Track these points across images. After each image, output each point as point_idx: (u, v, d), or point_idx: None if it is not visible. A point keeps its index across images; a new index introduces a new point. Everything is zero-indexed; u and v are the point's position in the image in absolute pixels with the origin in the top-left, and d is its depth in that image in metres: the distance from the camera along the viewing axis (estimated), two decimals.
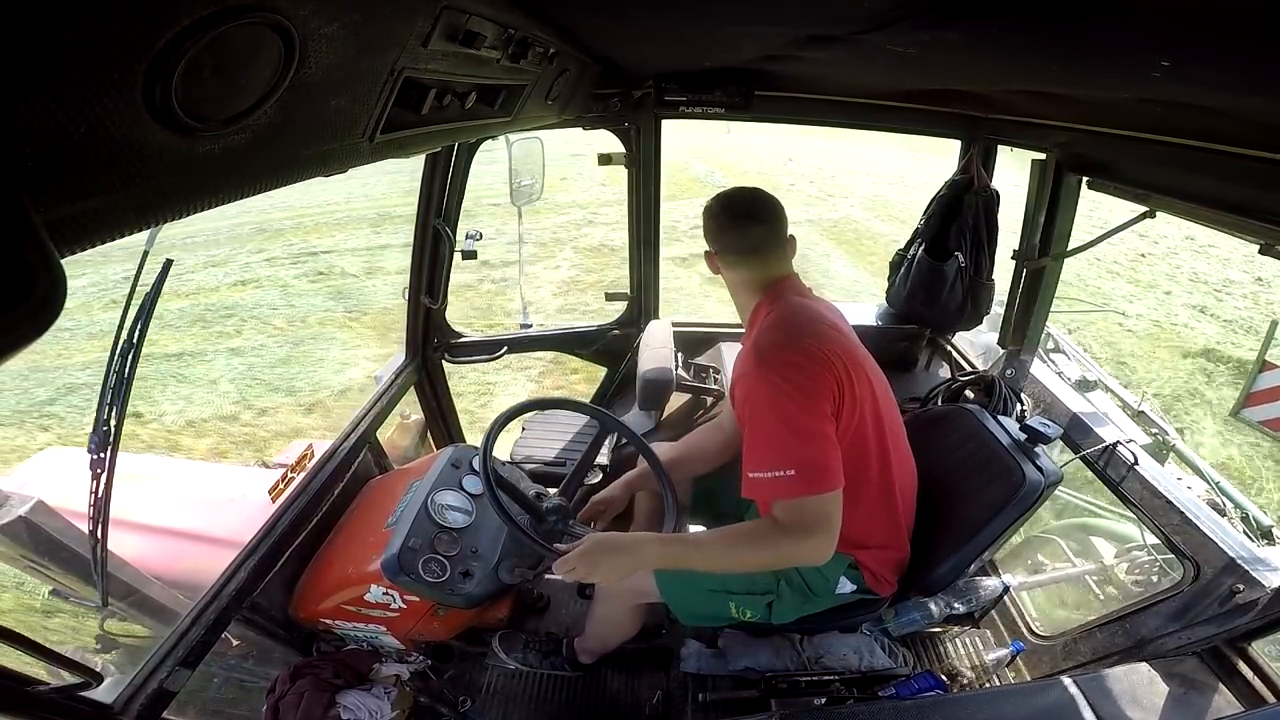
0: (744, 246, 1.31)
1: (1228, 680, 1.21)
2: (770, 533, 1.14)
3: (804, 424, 1.12)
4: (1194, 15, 0.46)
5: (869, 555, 1.32)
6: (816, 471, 1.10)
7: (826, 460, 1.11)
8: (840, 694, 1.46)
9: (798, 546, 1.13)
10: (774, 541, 1.13)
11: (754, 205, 1.30)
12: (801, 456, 1.10)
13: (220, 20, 0.38)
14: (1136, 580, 2.28)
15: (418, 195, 1.93)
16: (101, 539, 1.15)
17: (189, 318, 6.35)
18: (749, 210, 1.30)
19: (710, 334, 2.53)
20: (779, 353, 1.17)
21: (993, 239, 2.11)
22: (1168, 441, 2.91)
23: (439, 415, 2.43)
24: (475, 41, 0.72)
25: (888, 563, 1.34)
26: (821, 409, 1.13)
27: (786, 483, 1.09)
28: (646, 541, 1.24)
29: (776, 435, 1.12)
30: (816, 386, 1.14)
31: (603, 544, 1.22)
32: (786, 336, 1.20)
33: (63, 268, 0.32)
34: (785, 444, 1.11)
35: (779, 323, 1.23)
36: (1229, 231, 1.26)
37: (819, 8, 0.77)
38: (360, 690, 1.56)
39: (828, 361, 1.16)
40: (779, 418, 1.12)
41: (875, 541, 1.32)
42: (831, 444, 1.13)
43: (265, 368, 5.46)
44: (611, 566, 1.20)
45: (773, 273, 1.32)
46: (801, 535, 1.11)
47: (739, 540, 1.17)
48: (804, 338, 1.19)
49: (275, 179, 0.57)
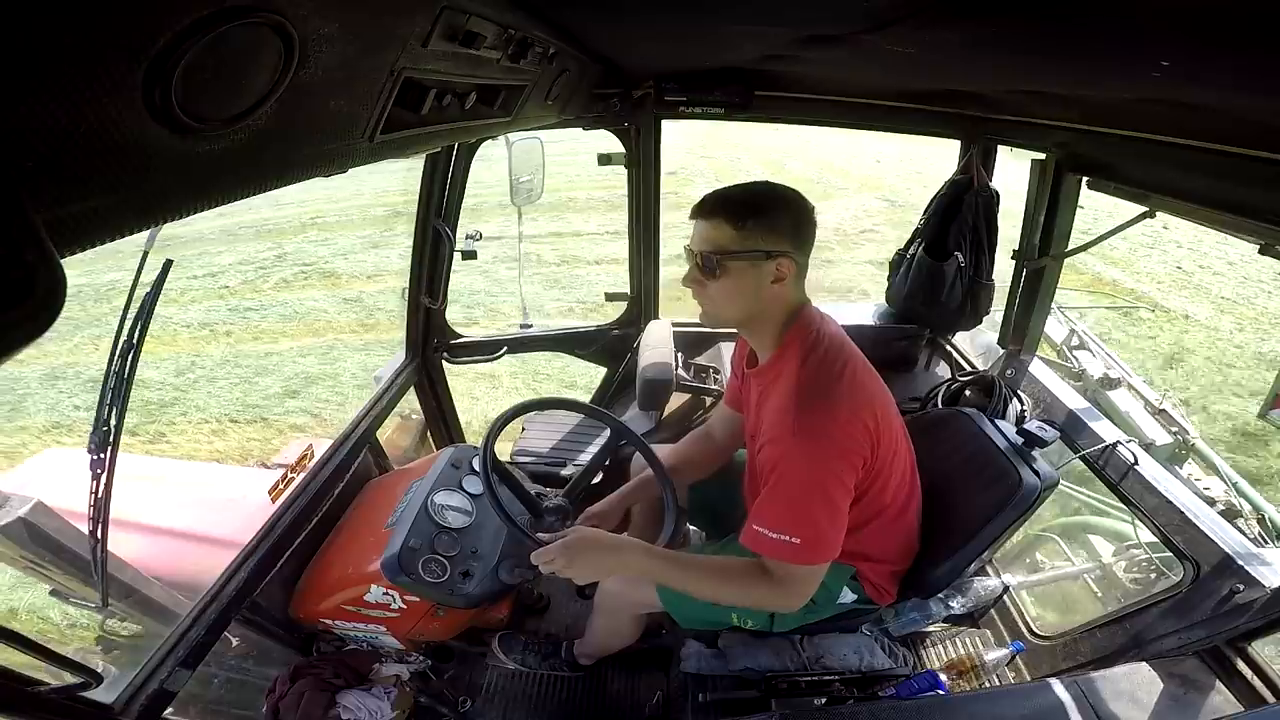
0: (805, 259, 1.14)
1: (1228, 680, 1.21)
2: (756, 580, 1.13)
3: (827, 497, 1.08)
4: (1194, 15, 0.46)
5: (871, 568, 1.32)
6: (820, 545, 1.09)
7: (833, 535, 1.09)
8: (840, 694, 1.46)
9: (777, 599, 1.16)
10: (757, 589, 1.13)
11: (809, 206, 1.14)
12: (812, 529, 1.07)
13: (220, 21, 0.38)
14: (1135, 579, 2.28)
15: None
16: (101, 539, 1.15)
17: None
18: (815, 217, 1.14)
19: (710, 334, 2.53)
20: (821, 413, 1.08)
21: (992, 239, 2.11)
22: (1188, 441, 2.89)
23: (439, 415, 2.43)
24: (475, 41, 0.72)
25: (889, 575, 1.34)
26: (848, 481, 1.10)
27: (789, 548, 1.07)
28: (633, 548, 1.19)
29: (797, 504, 1.08)
30: (849, 457, 1.09)
31: (588, 540, 1.17)
32: (831, 389, 1.10)
33: (63, 268, 0.32)
34: (802, 514, 1.07)
35: (824, 368, 1.12)
36: (1229, 231, 1.26)
37: (819, 8, 0.76)
38: (360, 690, 1.56)
39: (865, 419, 1.10)
40: (806, 488, 1.08)
41: (880, 556, 1.31)
42: (843, 518, 1.11)
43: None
44: (592, 565, 1.16)
45: (803, 296, 1.20)
46: (784, 592, 1.12)
47: (724, 576, 1.16)
48: (849, 389, 1.11)
49: (275, 179, 0.57)
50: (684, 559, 1.22)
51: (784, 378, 1.14)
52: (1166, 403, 3.03)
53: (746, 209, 1.09)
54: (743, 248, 1.08)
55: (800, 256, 1.12)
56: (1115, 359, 3.39)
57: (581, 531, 1.20)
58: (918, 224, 2.24)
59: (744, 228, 1.08)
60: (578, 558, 1.15)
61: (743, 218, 1.08)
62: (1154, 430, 2.82)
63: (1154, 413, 3.00)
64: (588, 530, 1.21)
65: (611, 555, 1.17)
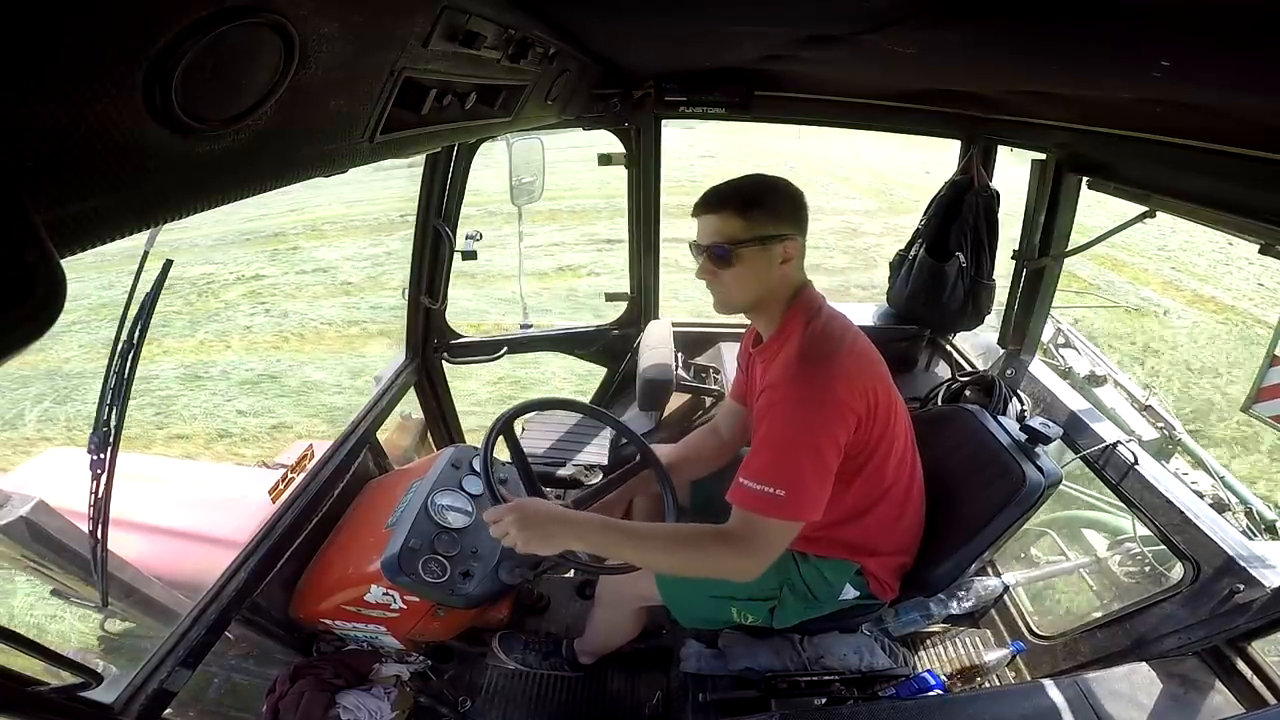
0: (804, 243, 1.21)
1: (1228, 680, 1.21)
2: (710, 542, 1.10)
3: (816, 450, 1.08)
4: (1194, 15, 0.46)
5: (876, 562, 1.31)
6: (803, 501, 1.07)
7: (817, 492, 1.09)
8: (840, 694, 1.46)
9: (734, 562, 1.10)
10: (712, 552, 1.10)
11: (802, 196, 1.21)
12: (797, 480, 1.07)
13: (220, 21, 0.38)
14: (1129, 572, 2.29)
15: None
16: (101, 539, 1.15)
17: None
18: (803, 196, 1.21)
19: (710, 334, 2.53)
20: (820, 368, 1.11)
21: (993, 239, 2.11)
22: (1174, 436, 2.91)
23: (439, 415, 2.43)
24: (475, 42, 0.72)
25: (893, 569, 1.34)
26: (837, 438, 1.10)
27: (771, 500, 1.06)
28: (586, 522, 1.14)
29: (785, 455, 1.08)
30: (843, 412, 1.10)
31: (536, 510, 1.12)
32: (832, 353, 1.14)
33: (63, 268, 0.32)
34: (789, 465, 1.07)
35: (825, 335, 1.16)
36: (1229, 231, 1.26)
37: (819, 8, 0.77)
38: (360, 690, 1.56)
39: (864, 385, 1.13)
40: (796, 441, 1.08)
41: (884, 549, 1.31)
42: (829, 475, 1.10)
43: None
44: (541, 536, 1.10)
45: (803, 276, 1.25)
46: (744, 552, 1.08)
47: (681, 542, 1.13)
48: (849, 357, 1.15)
49: (275, 179, 0.57)
50: (640, 529, 1.19)
51: (788, 345, 1.18)
52: (1153, 399, 3.05)
53: (749, 199, 1.15)
54: (752, 235, 1.14)
55: (801, 237, 1.19)
56: (1101, 357, 3.41)
57: (528, 501, 1.15)
58: (918, 224, 2.24)
59: (750, 216, 1.14)
60: (529, 527, 1.09)
61: (748, 207, 1.14)
62: (1140, 426, 2.83)
63: (1140, 408, 3.02)
64: (533, 500, 1.18)
65: (563, 527, 1.12)
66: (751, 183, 1.18)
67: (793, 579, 1.34)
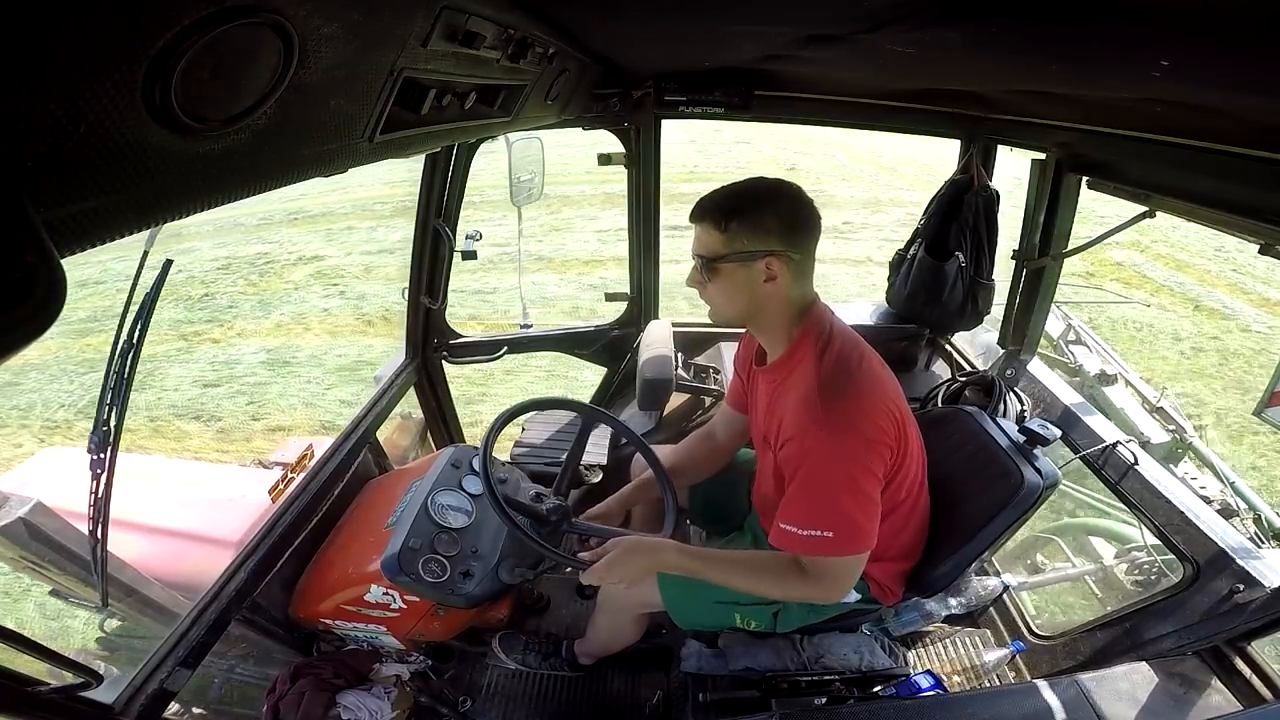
0: (809, 258, 1.13)
1: (1227, 680, 1.21)
2: (793, 575, 1.13)
3: (857, 488, 1.07)
4: (1194, 15, 0.46)
5: (879, 568, 1.31)
6: (855, 535, 1.07)
7: (867, 525, 1.08)
8: (840, 694, 1.46)
9: (815, 592, 1.15)
10: (794, 584, 1.14)
11: (811, 203, 1.12)
12: (843, 521, 1.06)
13: (220, 20, 0.38)
14: (1136, 580, 2.28)
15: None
16: (101, 539, 1.15)
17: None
18: (814, 209, 1.11)
19: (710, 334, 2.53)
20: (847, 404, 1.07)
21: (993, 238, 2.11)
22: (1185, 439, 2.88)
23: (439, 415, 2.43)
24: (475, 41, 0.72)
25: (896, 575, 1.34)
26: (877, 473, 1.09)
27: (820, 543, 1.07)
28: (669, 548, 1.22)
29: (826, 499, 1.07)
30: (879, 446, 1.08)
31: (630, 547, 1.22)
32: (851, 383, 1.09)
33: (63, 268, 0.32)
34: (832, 508, 1.07)
35: (842, 363, 1.11)
36: (1229, 231, 1.26)
37: (819, 8, 0.77)
38: (360, 690, 1.56)
39: (887, 408, 1.10)
40: (835, 483, 1.07)
41: (889, 556, 1.30)
42: (876, 507, 1.10)
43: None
44: (635, 568, 1.22)
45: (810, 292, 1.18)
46: (822, 585, 1.13)
47: (760, 571, 1.17)
48: (867, 382, 1.11)
49: (275, 179, 0.57)
50: (720, 555, 1.24)
51: (799, 375, 1.14)
52: (1164, 400, 3.02)
53: (729, 212, 1.08)
54: (729, 250, 1.08)
55: (794, 253, 1.09)
56: (1113, 355, 3.38)
57: (624, 542, 1.24)
58: (918, 224, 2.24)
59: (728, 230, 1.07)
60: (620, 566, 1.21)
61: (726, 220, 1.08)
62: (1151, 428, 2.81)
63: (1151, 410, 2.99)
64: (628, 540, 1.25)
65: (650, 557, 1.22)
66: (738, 193, 1.10)
67: None
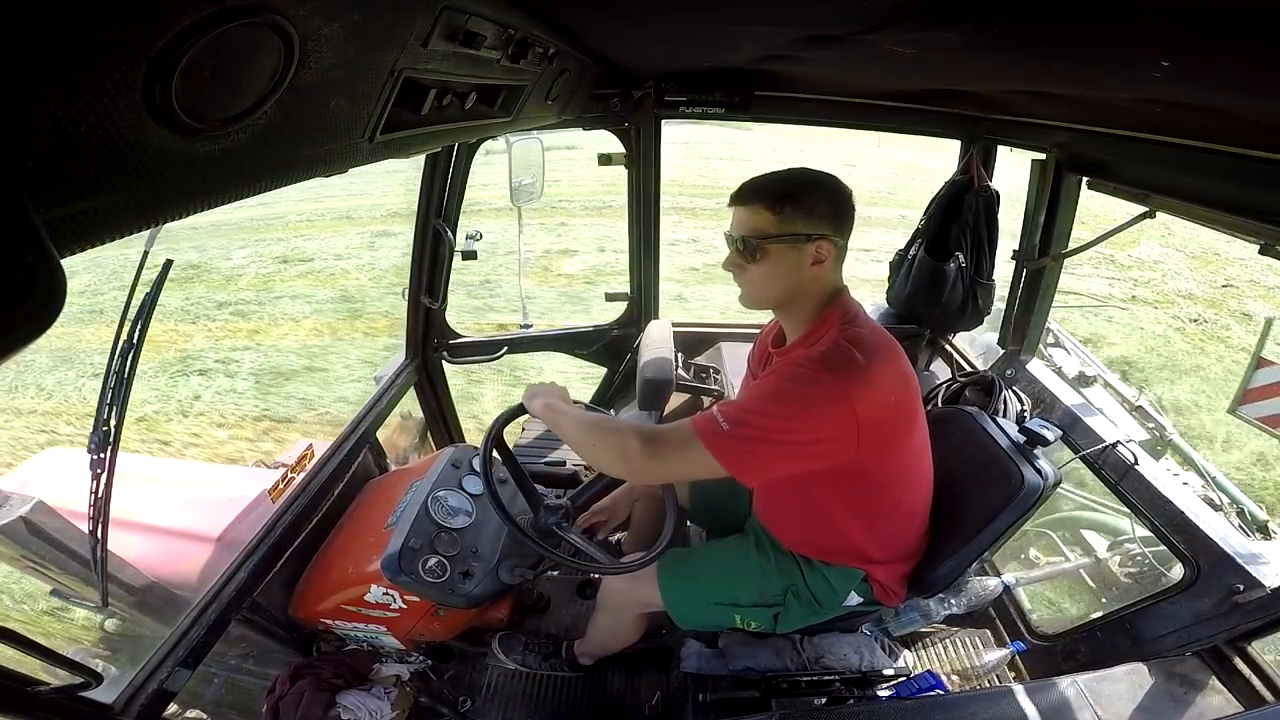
0: (844, 245, 1.15)
1: (1228, 680, 1.21)
2: (631, 435, 1.08)
3: (788, 432, 1.02)
4: (1194, 15, 0.46)
5: (882, 570, 1.31)
6: (737, 448, 1.02)
7: (761, 463, 1.04)
8: (840, 694, 1.46)
9: (637, 460, 1.07)
10: (623, 443, 1.08)
11: (849, 193, 1.15)
12: (748, 430, 1.02)
13: (220, 21, 0.38)
14: (1129, 572, 2.29)
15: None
16: (101, 539, 1.15)
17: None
18: (853, 201, 1.15)
19: (710, 334, 2.53)
20: (837, 374, 1.04)
21: (993, 239, 2.11)
22: (1165, 436, 2.91)
23: (439, 415, 2.43)
24: (475, 42, 0.72)
25: (898, 577, 1.33)
26: (819, 441, 1.03)
27: (712, 426, 1.02)
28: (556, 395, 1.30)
29: (760, 410, 1.04)
30: (839, 400, 1.02)
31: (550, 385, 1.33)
32: (852, 364, 1.05)
33: (63, 268, 0.32)
34: (753, 413, 1.03)
35: (855, 344, 1.08)
36: (1229, 231, 1.26)
37: (819, 8, 0.77)
38: (360, 690, 1.56)
39: (861, 412, 1.03)
40: (777, 407, 1.03)
41: (891, 557, 1.30)
42: (782, 464, 1.05)
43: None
44: (536, 393, 1.31)
45: (841, 282, 1.19)
46: (655, 456, 1.06)
47: (598, 426, 1.16)
48: (872, 370, 1.06)
49: (275, 179, 0.57)
50: (581, 414, 1.24)
51: (816, 345, 1.13)
52: (1143, 399, 3.05)
53: (784, 195, 1.10)
54: (781, 231, 1.10)
55: (839, 239, 1.12)
56: (1090, 357, 3.41)
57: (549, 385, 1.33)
58: (918, 224, 2.24)
59: (782, 212, 1.10)
60: (536, 389, 1.31)
61: (781, 203, 1.10)
62: (1131, 427, 2.84)
63: (1130, 409, 3.02)
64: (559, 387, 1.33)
65: (546, 393, 1.30)
66: (791, 177, 1.13)
67: (798, 586, 1.34)
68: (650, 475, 1.10)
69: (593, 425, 1.17)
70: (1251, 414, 2.72)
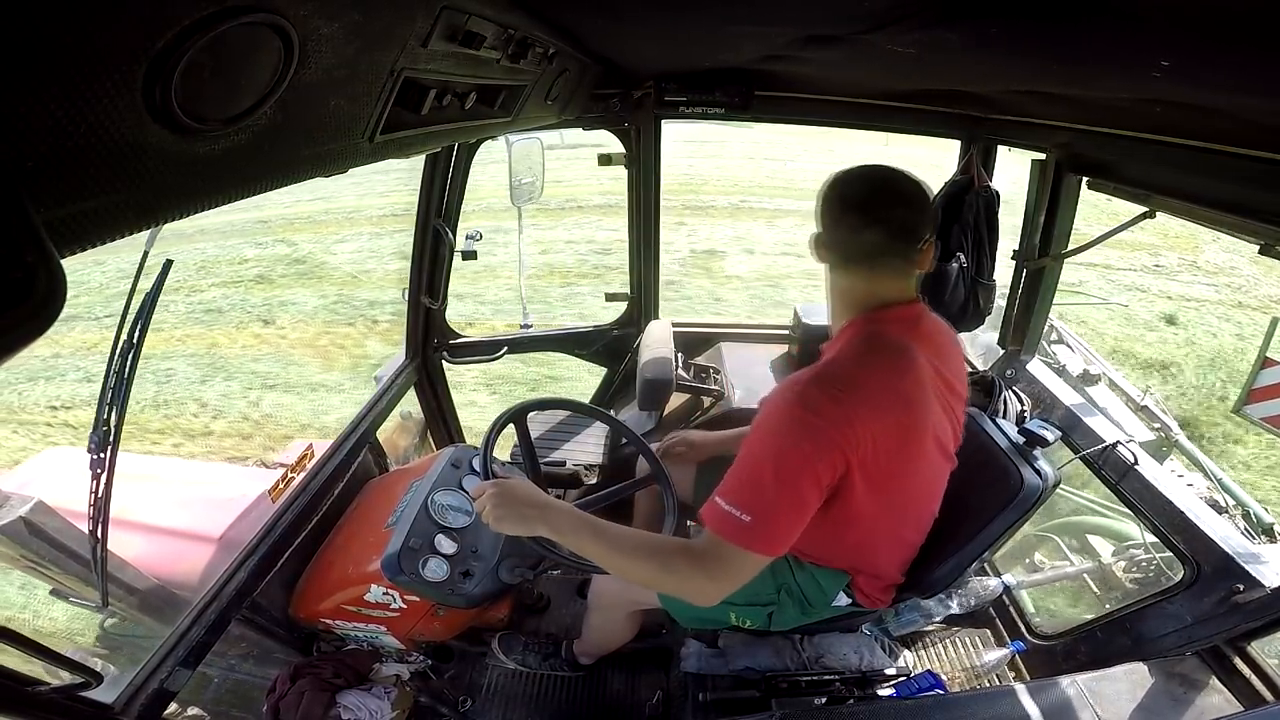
0: (852, 250, 1.06)
1: (1228, 680, 1.21)
2: (677, 559, 1.02)
3: (791, 480, 0.98)
4: (1194, 15, 0.46)
5: (866, 580, 1.30)
6: (769, 534, 0.98)
7: (786, 528, 0.99)
8: (840, 694, 1.46)
9: (696, 585, 1.01)
10: (676, 569, 1.01)
11: (878, 196, 1.03)
12: (767, 510, 0.97)
13: (220, 20, 0.38)
14: (1134, 578, 2.28)
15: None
16: (101, 539, 1.15)
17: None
18: (870, 202, 1.03)
19: (710, 334, 2.53)
20: (821, 390, 0.99)
21: (993, 239, 2.10)
22: (1170, 437, 2.89)
23: (439, 415, 2.43)
24: (475, 42, 0.72)
25: (884, 586, 1.33)
26: (817, 473, 0.98)
27: (736, 526, 0.97)
28: (562, 513, 1.09)
29: (760, 474, 0.99)
30: (829, 448, 0.98)
31: (517, 494, 1.09)
32: (839, 376, 1.02)
33: (63, 268, 0.32)
34: (762, 488, 0.98)
35: (845, 358, 1.05)
36: (1229, 231, 1.26)
37: (819, 8, 0.77)
38: (360, 690, 1.56)
39: (870, 421, 0.99)
40: (775, 458, 0.99)
41: (880, 569, 1.29)
42: (803, 513, 1.00)
43: None
44: (515, 516, 1.08)
45: (880, 291, 1.08)
46: (709, 576, 1.00)
47: (645, 553, 1.05)
48: (857, 386, 1.00)
49: (275, 179, 0.57)
50: (614, 531, 1.09)
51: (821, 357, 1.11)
52: (1148, 399, 3.03)
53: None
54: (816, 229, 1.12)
55: (833, 250, 1.08)
56: (1095, 355, 3.40)
57: (512, 483, 1.12)
58: None
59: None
60: (505, 505, 1.07)
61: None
62: (1135, 427, 2.82)
63: (1135, 409, 3.01)
64: (518, 483, 1.14)
65: (537, 514, 1.08)
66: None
67: (789, 584, 1.34)
68: (716, 596, 1.03)
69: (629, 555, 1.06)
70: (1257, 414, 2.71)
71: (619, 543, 1.07)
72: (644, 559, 1.04)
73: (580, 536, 1.07)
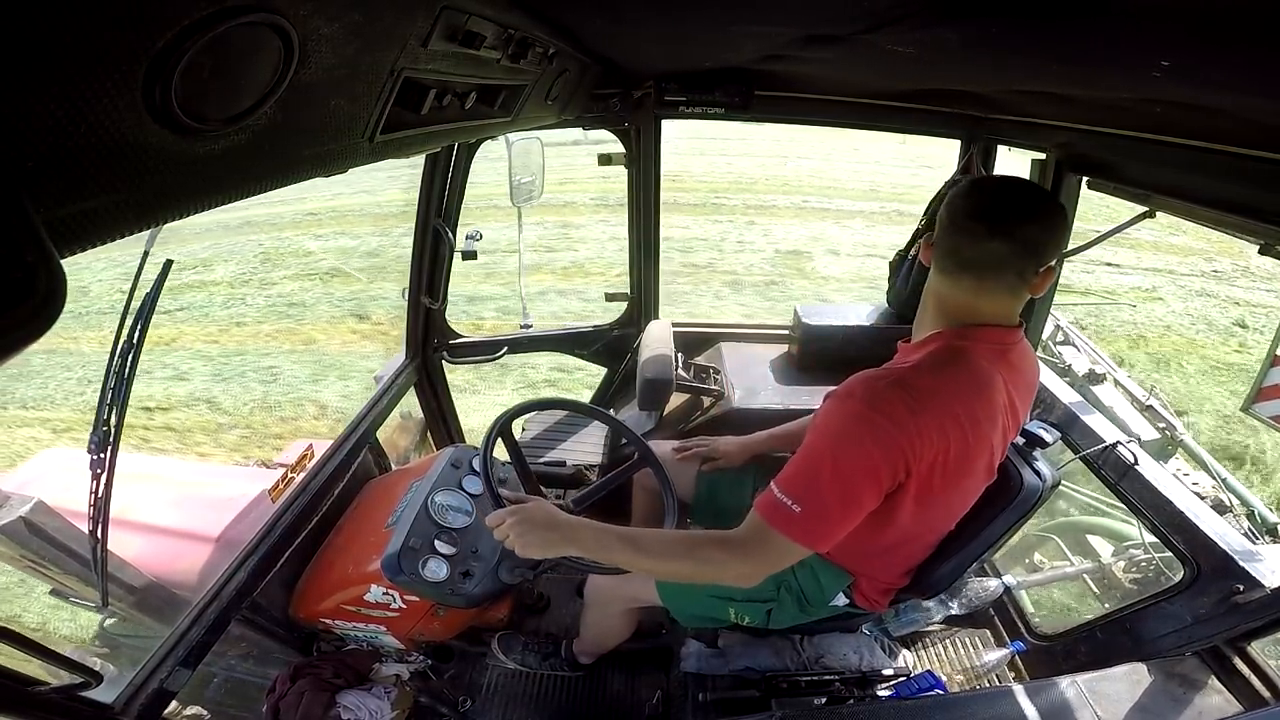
0: (966, 258, 1.01)
1: (1228, 680, 1.21)
2: (711, 549, 1.03)
3: (849, 477, 0.98)
4: (1194, 15, 0.46)
5: (867, 582, 1.30)
6: (817, 528, 0.99)
7: (835, 524, 0.99)
8: (840, 694, 1.46)
9: (733, 568, 1.03)
10: (711, 558, 1.03)
11: (1013, 208, 0.98)
12: (819, 504, 0.98)
13: (220, 20, 0.38)
14: (1134, 579, 2.28)
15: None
16: (101, 539, 1.15)
17: None
18: (1001, 212, 0.98)
19: (710, 334, 2.53)
20: (896, 395, 0.97)
21: None
22: (1175, 436, 2.89)
23: (439, 415, 2.43)
24: (475, 42, 0.72)
25: (883, 589, 1.33)
26: (879, 475, 0.98)
27: (786, 516, 0.98)
28: (586, 531, 1.10)
29: (819, 467, 0.98)
30: (895, 453, 0.97)
31: (536, 519, 1.09)
32: (918, 386, 0.99)
33: (63, 268, 0.32)
34: (819, 482, 0.98)
35: (927, 369, 1.02)
36: (1229, 231, 1.26)
37: (819, 8, 0.77)
38: (360, 690, 1.56)
39: (930, 433, 0.98)
40: (835, 453, 0.98)
41: (880, 574, 1.29)
42: (856, 513, 1.00)
43: None
44: (540, 541, 1.08)
45: (983, 307, 1.04)
46: (748, 559, 1.01)
47: (676, 551, 1.06)
48: (933, 402, 0.99)
49: (275, 179, 0.57)
50: (639, 535, 1.12)
51: (894, 361, 1.10)
52: (1154, 399, 3.03)
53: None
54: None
55: (940, 255, 1.05)
56: (1101, 354, 3.39)
57: (539, 505, 1.13)
58: (919, 224, 2.24)
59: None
60: (528, 535, 1.08)
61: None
62: (1141, 426, 2.82)
63: (1140, 409, 3.00)
64: (538, 505, 1.14)
65: (560, 534, 1.09)
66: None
67: (789, 582, 1.34)
68: (755, 578, 1.04)
69: (660, 556, 1.07)
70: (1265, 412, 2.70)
71: (649, 547, 1.08)
72: (679, 556, 1.05)
73: (609, 549, 1.08)
